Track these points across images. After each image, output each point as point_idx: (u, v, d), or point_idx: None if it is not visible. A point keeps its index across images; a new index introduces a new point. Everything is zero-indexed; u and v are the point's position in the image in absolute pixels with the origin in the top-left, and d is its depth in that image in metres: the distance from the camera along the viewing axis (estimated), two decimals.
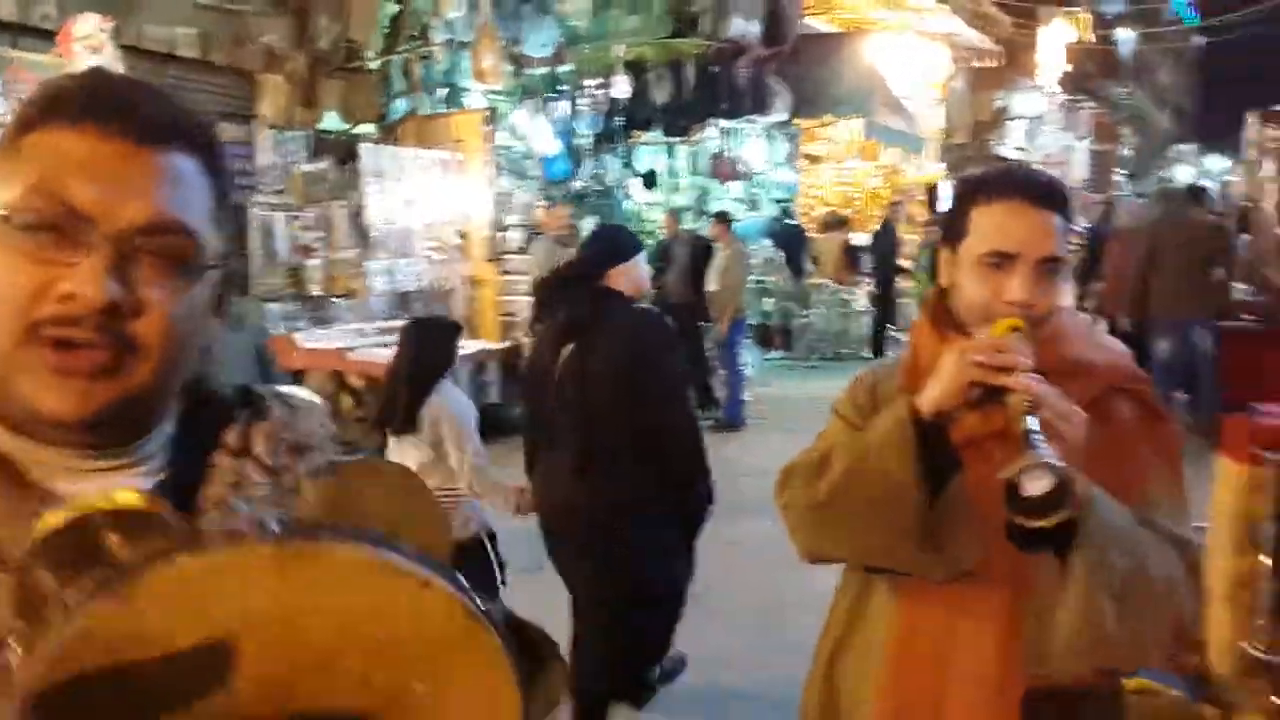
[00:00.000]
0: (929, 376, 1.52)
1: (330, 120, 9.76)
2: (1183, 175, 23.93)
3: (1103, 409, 1.56)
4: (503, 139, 10.45)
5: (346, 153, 9.25)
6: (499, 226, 9.95)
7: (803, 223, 14.74)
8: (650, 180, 13.47)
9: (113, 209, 0.80)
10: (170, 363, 0.83)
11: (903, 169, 16.77)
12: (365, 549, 0.64)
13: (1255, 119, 8.96)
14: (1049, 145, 20.73)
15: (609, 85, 12.01)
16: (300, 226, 8.67)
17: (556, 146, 11.32)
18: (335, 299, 8.82)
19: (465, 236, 9.82)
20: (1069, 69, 22.59)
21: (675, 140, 13.64)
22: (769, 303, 13.23)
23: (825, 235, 14.36)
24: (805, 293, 13.33)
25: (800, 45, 13.79)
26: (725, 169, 14.11)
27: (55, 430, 0.81)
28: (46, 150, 0.81)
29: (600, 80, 12.07)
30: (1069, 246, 1.65)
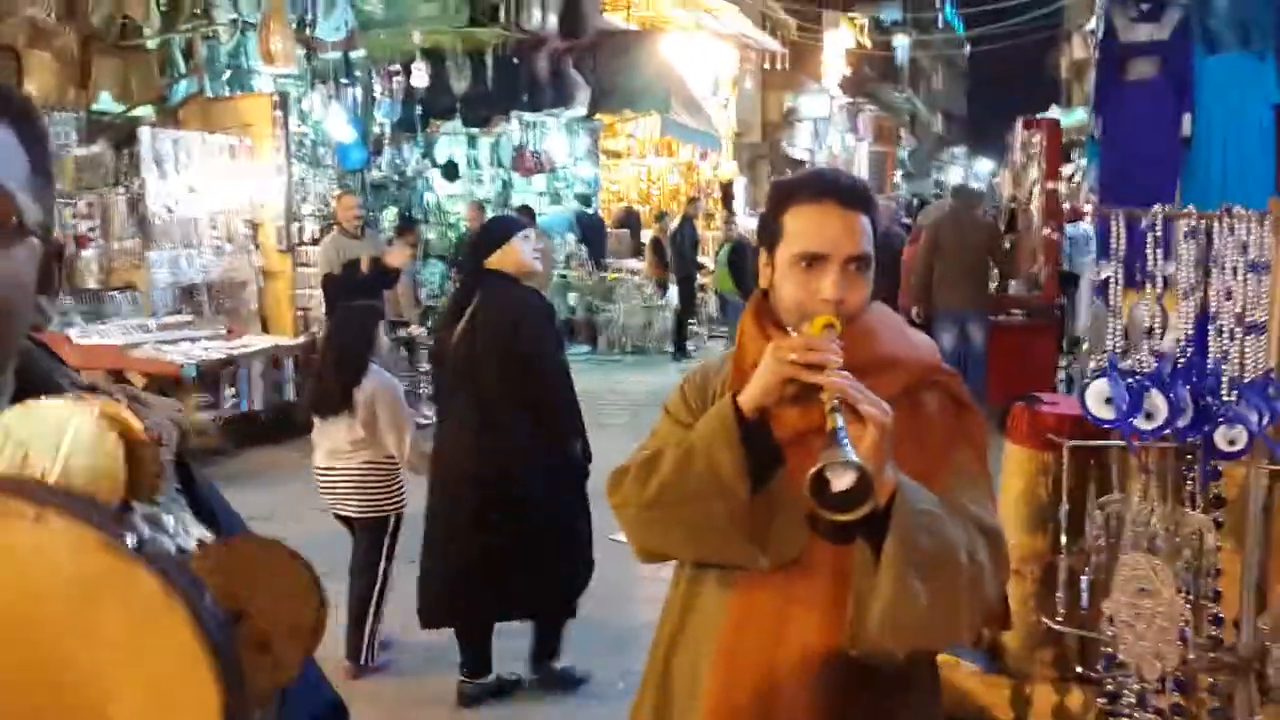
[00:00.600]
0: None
1: (105, 101, 9.13)
2: (954, 176, 25.53)
3: (912, 401, 1.65)
4: (294, 125, 10.03)
5: (124, 136, 8.68)
6: (293, 216, 9.55)
7: (603, 217, 14.88)
8: (451, 172, 13.27)
9: None
10: None
11: (699, 166, 17.17)
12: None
13: (1021, 125, 9.65)
14: (834, 146, 21.70)
15: (407, 73, 11.75)
16: (73, 215, 8.08)
17: (351, 134, 10.97)
18: (113, 292, 8.26)
19: (257, 227, 9.38)
20: (849, 73, 23.72)
21: (476, 131, 13.48)
22: (573, 297, 13.28)
23: (616, 231, 14.58)
24: (608, 287, 13.46)
25: (598, 40, 13.88)
26: (527, 162, 14.06)
27: None
28: None
29: (397, 67, 11.79)
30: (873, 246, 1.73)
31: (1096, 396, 2.62)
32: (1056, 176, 9.11)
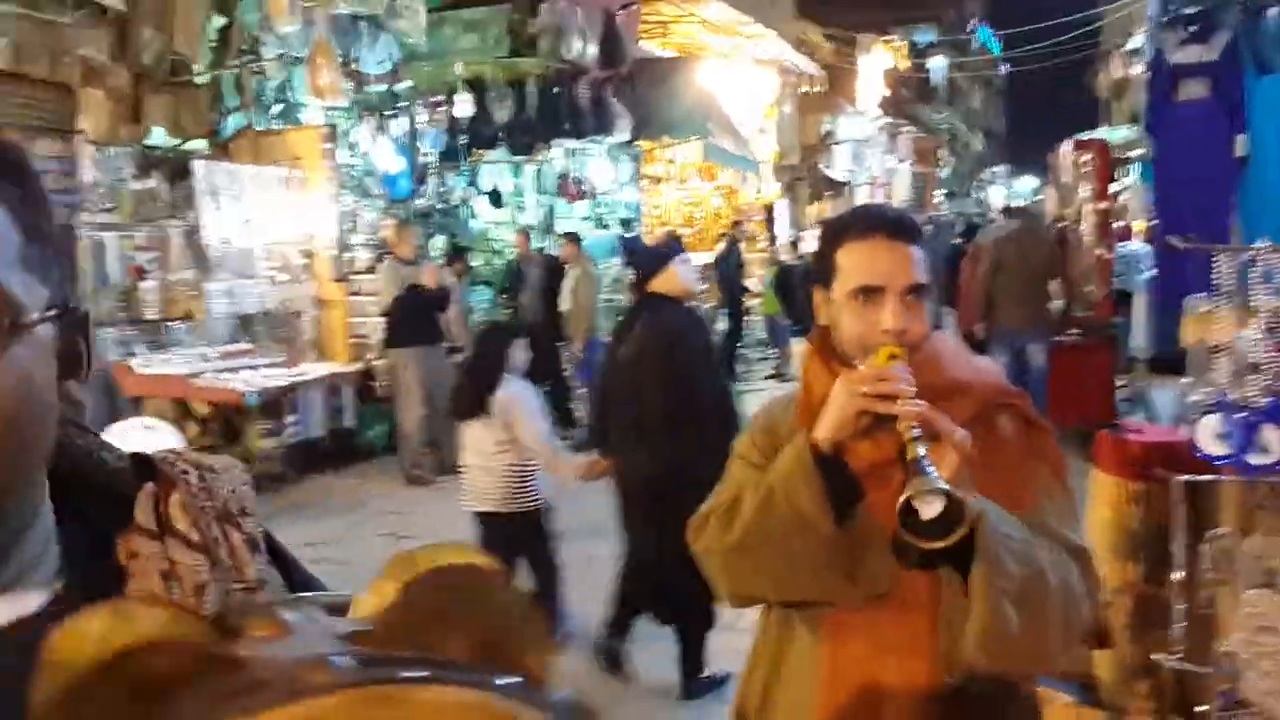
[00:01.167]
0: (822, 410, 1.61)
1: (158, 136, 9.32)
2: (996, 195, 25.36)
3: (985, 425, 1.66)
4: (343, 156, 10.20)
5: (178, 170, 8.85)
6: (345, 246, 9.70)
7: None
8: (496, 199, 13.40)
9: None
10: (8, 452, 0.65)
11: (740, 189, 17.20)
12: (451, 689, 0.51)
13: (1070, 145, 9.58)
14: (874, 167, 21.66)
15: (450, 103, 11.91)
16: (133, 246, 8.24)
17: (399, 164, 11.12)
18: (173, 323, 8.41)
19: (310, 256, 9.54)
20: (887, 94, 23.70)
21: (520, 159, 13.61)
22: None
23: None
24: None
25: (636, 69, 14.00)
26: (571, 189, 14.17)
27: None
28: None
29: (441, 98, 11.95)
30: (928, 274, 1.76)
31: (1208, 432, 2.60)
32: (1108, 196, 9.04)
